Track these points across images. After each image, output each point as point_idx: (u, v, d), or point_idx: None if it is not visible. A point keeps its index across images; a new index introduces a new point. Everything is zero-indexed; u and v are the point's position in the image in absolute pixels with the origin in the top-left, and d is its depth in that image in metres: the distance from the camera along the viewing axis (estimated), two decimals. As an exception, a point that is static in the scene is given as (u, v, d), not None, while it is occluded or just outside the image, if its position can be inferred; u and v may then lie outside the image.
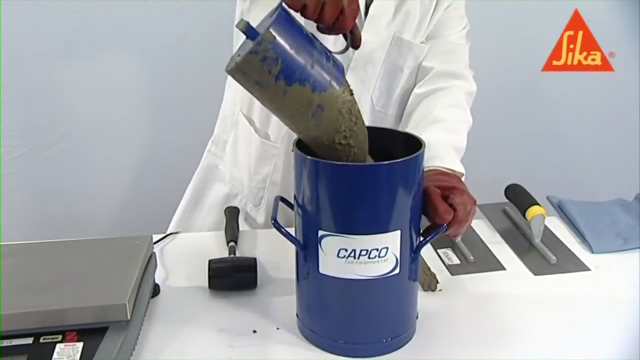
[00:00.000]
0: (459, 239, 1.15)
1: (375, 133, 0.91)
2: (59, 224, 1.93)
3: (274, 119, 1.24)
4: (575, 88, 2.13)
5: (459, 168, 1.02)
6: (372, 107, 1.23)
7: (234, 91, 1.32)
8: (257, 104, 1.23)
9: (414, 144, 0.83)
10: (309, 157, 0.79)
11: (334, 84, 0.76)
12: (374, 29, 1.15)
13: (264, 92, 0.74)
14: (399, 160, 0.78)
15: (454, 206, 0.85)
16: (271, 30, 0.69)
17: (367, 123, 1.13)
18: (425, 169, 0.92)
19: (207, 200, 1.37)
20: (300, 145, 0.82)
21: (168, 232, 1.19)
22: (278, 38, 0.70)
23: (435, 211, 0.84)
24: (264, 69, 0.70)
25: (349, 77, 1.15)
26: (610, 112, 2.15)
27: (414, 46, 1.20)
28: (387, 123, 1.26)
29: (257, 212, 1.31)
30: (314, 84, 0.74)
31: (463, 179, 1.00)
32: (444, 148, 1.04)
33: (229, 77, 1.34)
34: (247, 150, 1.29)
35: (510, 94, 2.10)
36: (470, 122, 1.17)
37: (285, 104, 0.75)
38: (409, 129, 1.16)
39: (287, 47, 0.71)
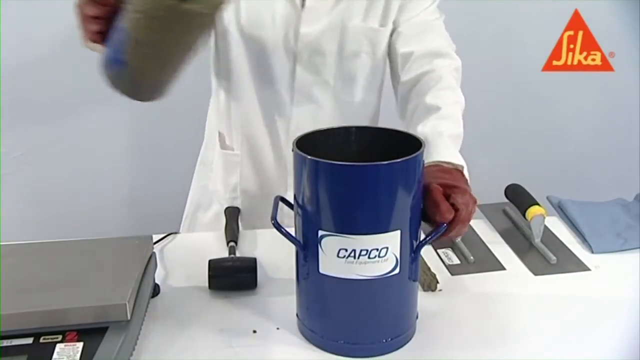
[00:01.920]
0: (459, 239, 1.15)
1: (376, 133, 0.91)
2: (59, 224, 1.93)
3: (234, 129, 1.27)
4: (575, 88, 2.13)
5: (459, 160, 0.98)
6: (334, 96, 1.23)
7: (216, 111, 1.33)
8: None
9: (414, 144, 0.83)
10: (309, 157, 0.79)
11: None
12: (314, 20, 1.16)
13: None
14: (398, 160, 0.78)
15: (456, 206, 0.84)
16: None
17: (334, 113, 1.16)
18: (425, 165, 0.90)
19: (205, 220, 1.37)
20: (300, 145, 0.82)
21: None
22: None
23: (437, 209, 0.83)
24: None
25: (298, 69, 1.17)
26: (610, 112, 2.15)
27: (367, 30, 1.19)
28: (365, 112, 1.27)
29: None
30: None
31: (465, 171, 0.98)
32: (441, 140, 1.01)
33: (211, 100, 1.35)
34: (224, 168, 1.32)
35: (510, 93, 2.09)
36: (463, 101, 1.13)
37: None
38: (406, 122, 1.16)
39: None
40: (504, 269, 1.08)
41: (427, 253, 1.11)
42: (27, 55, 1.85)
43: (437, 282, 1.00)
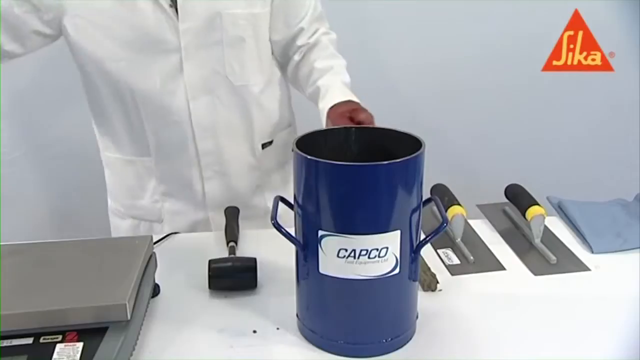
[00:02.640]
0: (458, 239, 1.14)
1: (375, 133, 0.91)
2: (59, 224, 1.93)
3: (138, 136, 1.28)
4: (575, 88, 2.13)
5: (352, 97, 1.21)
6: (230, 84, 1.25)
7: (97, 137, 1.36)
8: (116, 138, 1.30)
9: (413, 144, 0.83)
10: (308, 157, 0.79)
11: None
12: (190, 14, 1.17)
13: None
14: (398, 160, 0.78)
15: (358, 119, 1.10)
16: None
17: (233, 100, 1.25)
18: (331, 107, 1.17)
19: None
20: (300, 145, 0.82)
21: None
22: None
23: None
24: None
25: (186, 67, 1.20)
26: (610, 112, 2.15)
27: (248, 16, 1.22)
28: (270, 93, 1.33)
29: (162, 226, 1.33)
30: None
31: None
32: (338, 87, 1.24)
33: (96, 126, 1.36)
34: (123, 178, 1.34)
35: (510, 93, 2.08)
36: (345, 63, 1.32)
37: None
38: (301, 84, 1.33)
39: None
40: (504, 269, 1.08)
41: (427, 253, 1.10)
42: (27, 55, 1.84)
43: (437, 282, 1.00)
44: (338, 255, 0.79)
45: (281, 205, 0.88)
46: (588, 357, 0.85)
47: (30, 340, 0.76)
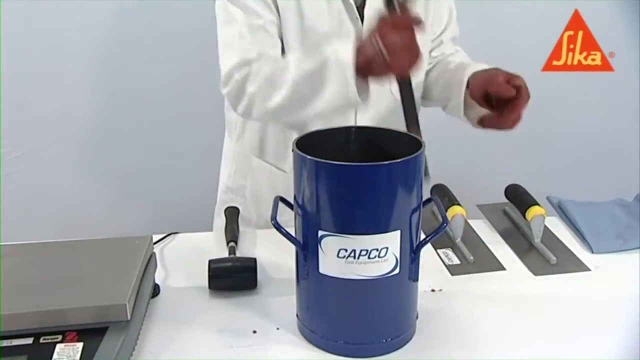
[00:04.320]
0: (458, 239, 1.14)
1: (375, 133, 0.91)
2: (59, 224, 1.93)
3: (289, 154, 1.23)
4: (575, 88, 2.12)
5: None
6: (394, 99, 1.19)
7: (240, 135, 1.31)
8: (269, 145, 1.26)
9: (413, 144, 0.83)
10: (308, 157, 0.79)
11: None
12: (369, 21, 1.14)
13: None
14: (398, 160, 0.78)
15: (517, 83, 1.07)
16: None
17: (390, 117, 1.17)
18: (475, 74, 1.10)
19: None
20: (300, 145, 0.82)
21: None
22: None
23: (501, 88, 1.04)
24: None
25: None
26: (610, 112, 2.14)
27: (425, 34, 1.19)
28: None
29: None
30: None
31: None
32: (476, 64, 1.16)
33: (227, 128, 1.31)
34: (272, 188, 1.27)
35: (510, 94, 2.09)
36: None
37: None
38: (436, 85, 1.27)
39: None
40: (504, 269, 1.08)
41: (427, 253, 1.09)
42: (27, 55, 1.85)
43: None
44: (338, 256, 0.79)
45: (281, 205, 0.88)
46: (588, 358, 0.85)
47: (30, 341, 0.76)
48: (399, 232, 0.79)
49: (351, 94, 0.97)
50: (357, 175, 0.77)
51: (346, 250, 0.78)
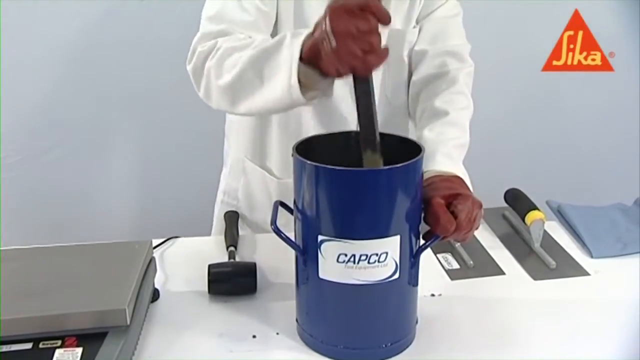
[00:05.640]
0: (458, 244, 1.14)
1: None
2: (59, 228, 1.92)
3: (281, 158, 1.21)
4: (575, 89, 2.12)
5: (460, 172, 0.97)
6: (387, 102, 1.19)
7: (236, 137, 1.30)
8: (273, 152, 1.22)
9: (413, 149, 0.83)
10: (308, 162, 0.79)
11: None
12: None
13: None
14: (398, 165, 0.78)
15: (456, 213, 0.84)
16: None
17: (388, 121, 1.08)
18: (428, 176, 0.92)
19: None
20: (299, 150, 0.82)
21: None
22: None
23: (436, 222, 0.83)
24: None
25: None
26: (610, 113, 2.14)
27: (407, 34, 1.16)
28: (399, 115, 1.22)
29: None
30: None
31: (467, 181, 0.97)
32: (446, 149, 1.00)
33: (227, 128, 1.30)
34: (265, 192, 1.27)
35: (509, 95, 2.08)
36: (472, 107, 1.13)
37: None
38: (415, 123, 1.15)
39: None
40: (503, 273, 1.08)
41: (427, 258, 1.09)
42: (27, 58, 1.85)
43: None
44: (338, 260, 0.79)
45: (281, 210, 0.88)
46: (588, 362, 0.84)
47: (29, 346, 0.75)
48: (398, 237, 0.79)
49: (293, 82, 0.85)
50: (357, 180, 0.77)
51: (346, 255, 0.78)
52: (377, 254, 0.78)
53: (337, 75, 0.82)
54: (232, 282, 0.98)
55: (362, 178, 0.77)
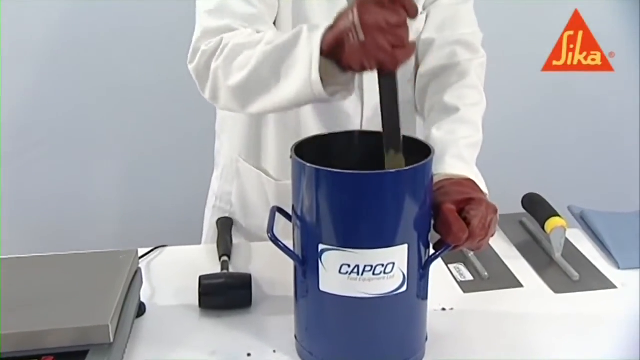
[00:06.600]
0: (471, 253, 1.12)
1: (380, 138, 0.88)
2: (35, 236, 1.92)
3: (279, 158, 1.19)
4: (606, 86, 2.14)
5: (472, 174, 0.94)
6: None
7: (229, 135, 1.27)
8: (270, 150, 1.20)
9: (422, 150, 0.82)
10: (308, 164, 0.77)
11: None
12: None
13: None
14: (406, 168, 0.78)
15: (469, 219, 0.82)
16: None
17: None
18: (438, 179, 0.90)
19: None
20: (298, 151, 0.80)
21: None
22: None
23: (447, 230, 0.81)
24: None
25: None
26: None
27: (414, 21, 1.11)
28: (406, 112, 1.14)
29: None
30: None
31: (482, 185, 0.94)
32: (456, 149, 0.96)
33: (218, 125, 1.28)
34: (261, 196, 1.24)
35: (522, 94, 2.09)
36: (485, 103, 1.08)
37: None
38: (423, 119, 1.12)
39: None
40: (521, 286, 1.05)
41: (437, 269, 1.06)
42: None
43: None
44: (340, 271, 0.77)
45: (279, 216, 0.86)
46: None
47: (3, 365, 0.74)
48: (406, 246, 0.77)
49: (314, 77, 0.83)
50: (361, 185, 0.76)
51: (349, 266, 0.77)
52: (382, 265, 0.76)
53: (361, 69, 0.81)
54: (225, 295, 0.96)
55: (367, 182, 0.75)
